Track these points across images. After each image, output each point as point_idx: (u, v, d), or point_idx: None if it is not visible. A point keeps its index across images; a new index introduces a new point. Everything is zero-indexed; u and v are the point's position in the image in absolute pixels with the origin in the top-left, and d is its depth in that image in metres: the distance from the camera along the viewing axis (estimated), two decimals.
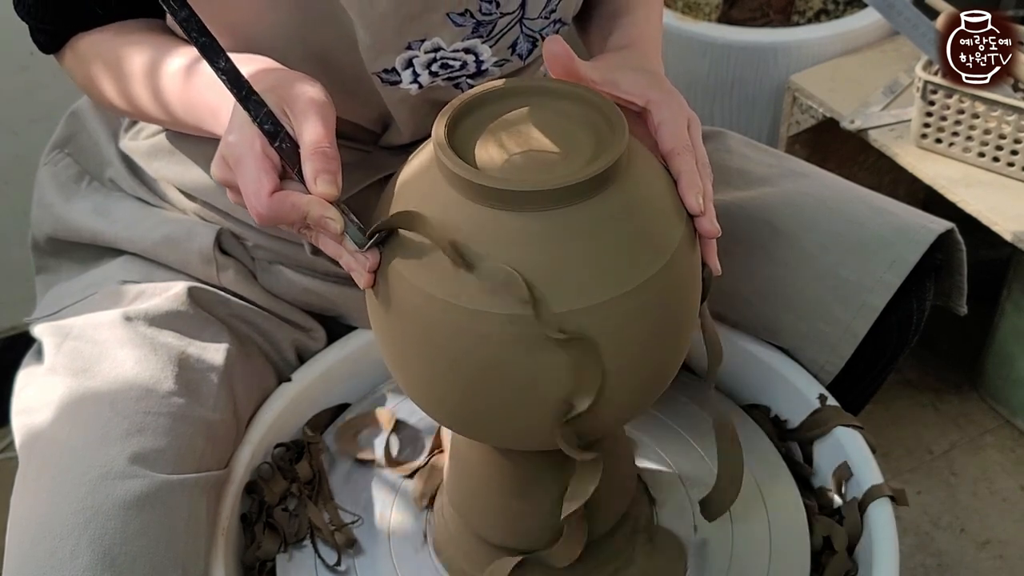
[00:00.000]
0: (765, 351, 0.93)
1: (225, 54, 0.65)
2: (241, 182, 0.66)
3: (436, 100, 0.83)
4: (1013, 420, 1.56)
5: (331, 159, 0.65)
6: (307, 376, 0.93)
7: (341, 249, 0.66)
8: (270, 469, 0.86)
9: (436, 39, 0.78)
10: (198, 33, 0.65)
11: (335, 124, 0.67)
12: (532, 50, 0.84)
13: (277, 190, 0.65)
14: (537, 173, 0.62)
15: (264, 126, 0.66)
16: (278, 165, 0.66)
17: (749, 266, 0.91)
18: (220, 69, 0.65)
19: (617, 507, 0.78)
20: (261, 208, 0.65)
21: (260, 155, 0.66)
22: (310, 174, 0.65)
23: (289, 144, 0.66)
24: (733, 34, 1.60)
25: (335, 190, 0.65)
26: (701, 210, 0.67)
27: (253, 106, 0.66)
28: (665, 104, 0.71)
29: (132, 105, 0.83)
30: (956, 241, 0.92)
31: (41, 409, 0.78)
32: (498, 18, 0.79)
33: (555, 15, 0.82)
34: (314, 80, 0.70)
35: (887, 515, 0.79)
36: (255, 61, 0.74)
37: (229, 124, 0.68)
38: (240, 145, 0.66)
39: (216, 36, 0.75)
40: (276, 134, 0.66)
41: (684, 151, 0.69)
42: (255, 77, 0.69)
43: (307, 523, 0.83)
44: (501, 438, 0.70)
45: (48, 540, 0.70)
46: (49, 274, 0.99)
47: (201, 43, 0.65)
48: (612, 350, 0.62)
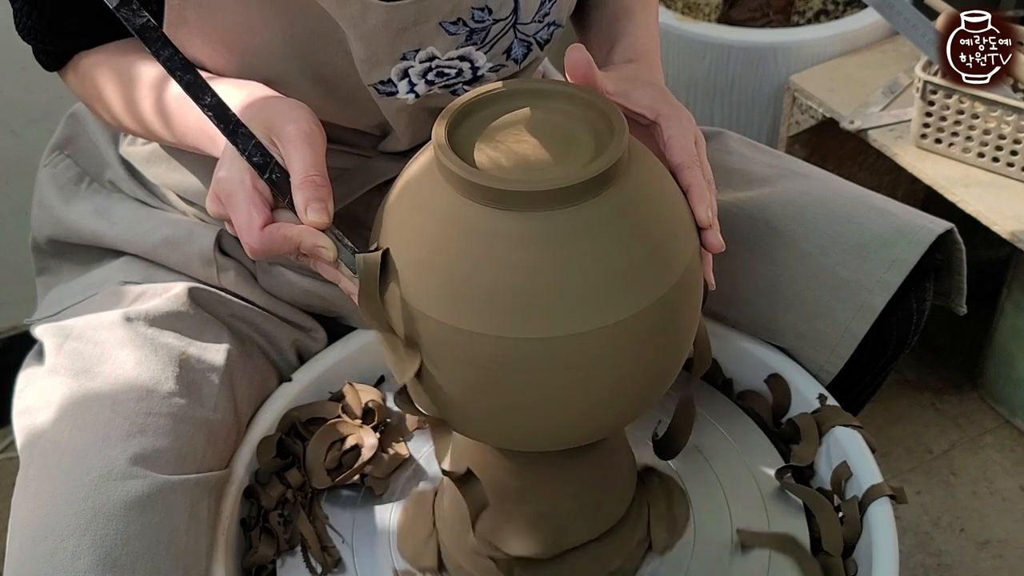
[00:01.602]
0: (765, 351, 0.93)
1: (211, 90, 0.67)
2: (233, 217, 0.68)
3: (434, 108, 0.84)
4: (1013, 420, 1.56)
5: (320, 187, 0.66)
6: (307, 376, 0.93)
7: (338, 274, 0.67)
8: (266, 473, 0.86)
9: (430, 48, 0.78)
10: (182, 71, 0.67)
11: (324, 151, 0.69)
12: (527, 54, 0.84)
13: (269, 223, 0.67)
14: (537, 173, 0.62)
15: (253, 159, 0.67)
16: (269, 198, 0.68)
17: (749, 266, 0.91)
18: (206, 105, 0.67)
19: (617, 508, 0.79)
20: (253, 242, 0.67)
21: (250, 190, 0.67)
22: (300, 204, 0.66)
23: (279, 174, 0.68)
24: (733, 34, 1.60)
25: (326, 218, 0.66)
26: (710, 223, 0.68)
27: (241, 139, 0.67)
28: (675, 119, 0.73)
29: (132, 124, 0.84)
30: (956, 241, 0.92)
31: (42, 410, 0.78)
32: (491, 24, 0.79)
33: (549, 18, 0.82)
34: (303, 106, 0.71)
35: (887, 514, 0.79)
36: (246, 87, 0.74)
37: (220, 159, 0.70)
38: (230, 181, 0.68)
39: (213, 52, 0.76)
40: (265, 166, 0.67)
41: (693, 165, 0.70)
42: (243, 106, 0.71)
43: (299, 533, 0.82)
44: (501, 440, 0.70)
45: (49, 541, 0.70)
46: (50, 275, 0.99)
47: (186, 81, 0.67)
48: (613, 363, 0.63)
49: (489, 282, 0.61)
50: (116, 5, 0.66)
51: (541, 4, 0.80)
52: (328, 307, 0.95)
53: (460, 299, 0.61)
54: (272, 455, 0.86)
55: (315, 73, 0.79)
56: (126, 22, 0.66)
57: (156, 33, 0.66)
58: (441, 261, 0.62)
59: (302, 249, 0.66)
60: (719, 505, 0.84)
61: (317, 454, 0.86)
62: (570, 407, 0.64)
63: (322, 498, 0.86)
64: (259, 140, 0.68)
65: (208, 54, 0.79)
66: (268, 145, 0.68)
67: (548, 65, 1.10)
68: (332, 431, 0.88)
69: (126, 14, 0.66)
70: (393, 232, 0.65)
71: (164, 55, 0.66)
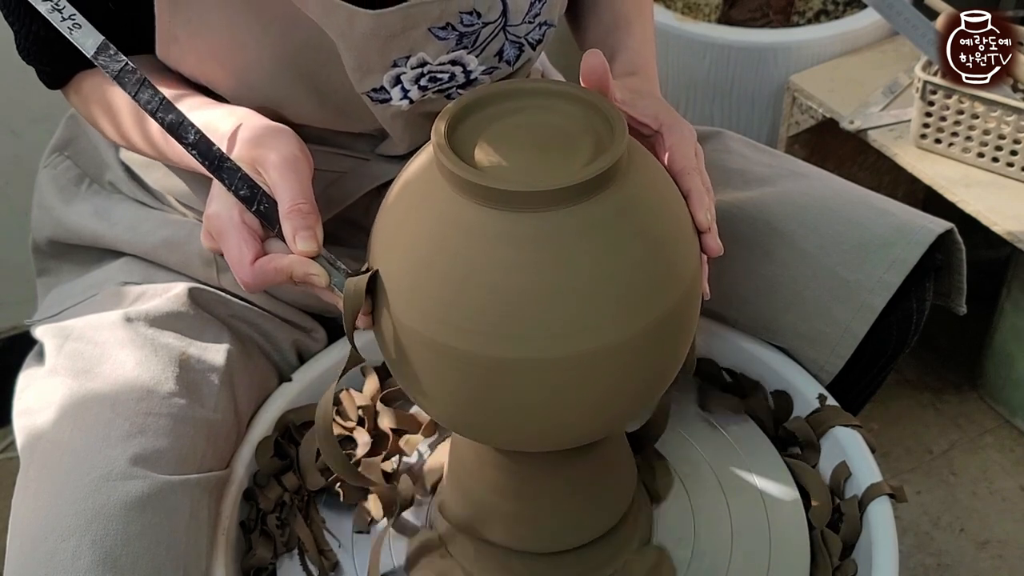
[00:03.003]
0: (765, 351, 0.93)
1: (193, 128, 0.68)
2: (225, 252, 0.69)
3: (429, 112, 0.84)
4: (1013, 420, 1.56)
5: (307, 215, 0.67)
6: (307, 376, 0.93)
7: (335, 297, 0.68)
8: (265, 476, 0.86)
9: (421, 54, 0.78)
10: (163, 112, 0.68)
11: (311, 175, 0.70)
12: (520, 55, 0.84)
13: (260, 255, 0.68)
14: (537, 173, 0.62)
15: (240, 192, 0.68)
16: (259, 230, 0.69)
17: (749, 266, 0.91)
18: (189, 144, 0.68)
19: (617, 508, 0.79)
20: (246, 277, 0.68)
21: (239, 225, 0.69)
22: (289, 234, 0.67)
23: (267, 204, 0.69)
24: (733, 34, 1.60)
25: (315, 246, 0.67)
26: (709, 227, 0.70)
27: (227, 174, 0.69)
28: (677, 129, 0.75)
29: (132, 146, 0.84)
30: (956, 241, 0.92)
31: (42, 410, 0.78)
32: (480, 28, 0.79)
33: (540, 18, 0.82)
34: (287, 132, 0.72)
35: (886, 513, 0.79)
36: (233, 115, 0.75)
37: (210, 194, 0.71)
38: (219, 217, 0.69)
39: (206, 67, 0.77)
40: (253, 198, 0.69)
41: (693, 171, 0.72)
42: (228, 135, 0.72)
43: (296, 536, 0.82)
44: (501, 441, 0.71)
45: (49, 541, 0.70)
46: (50, 277, 0.99)
47: (168, 121, 0.69)
48: (613, 374, 0.63)
49: (488, 284, 0.61)
50: (94, 53, 0.68)
51: (531, 5, 0.80)
52: (328, 307, 0.95)
53: (456, 307, 0.61)
54: (269, 456, 0.86)
55: (309, 84, 0.80)
56: (104, 69, 0.68)
57: (135, 76, 0.68)
58: (439, 261, 0.62)
59: (294, 279, 0.68)
60: (719, 505, 0.84)
61: (309, 454, 0.86)
62: (565, 413, 0.65)
63: (320, 502, 0.85)
64: (245, 172, 0.69)
65: (202, 70, 0.80)
66: (254, 175, 0.70)
67: (548, 65, 1.10)
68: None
69: (104, 61, 0.68)
70: (391, 234, 0.65)
71: (144, 98, 0.68)
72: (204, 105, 0.78)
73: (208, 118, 0.74)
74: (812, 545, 0.80)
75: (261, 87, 0.79)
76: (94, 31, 0.69)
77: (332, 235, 0.92)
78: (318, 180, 0.88)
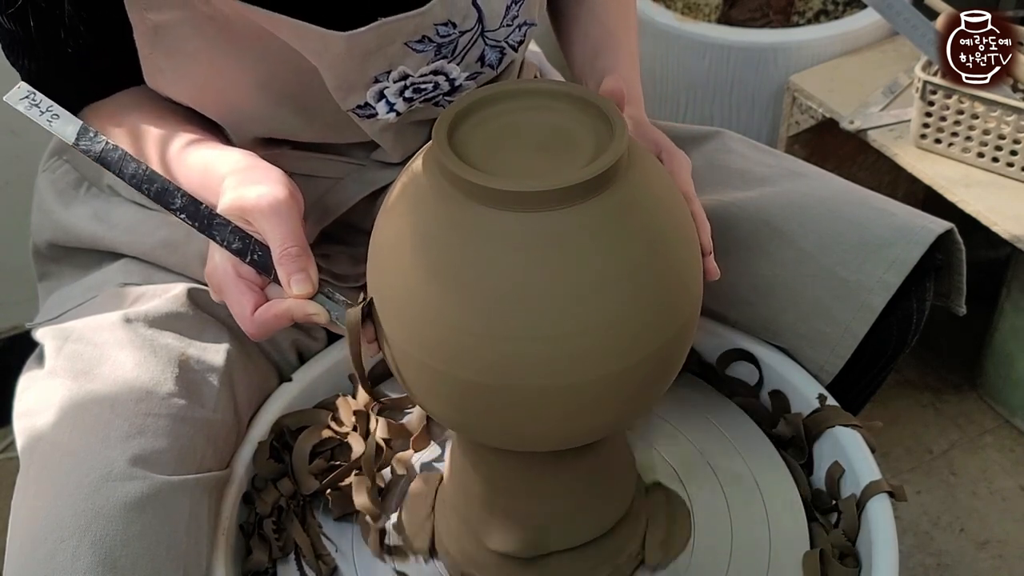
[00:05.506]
0: (765, 351, 0.93)
1: (179, 192, 0.70)
2: (228, 306, 0.72)
3: (419, 122, 0.84)
4: (1012, 420, 1.56)
5: (297, 258, 0.69)
6: (307, 376, 0.93)
7: (341, 329, 0.69)
8: (263, 479, 0.85)
9: (401, 68, 0.79)
10: (148, 183, 0.70)
11: (299, 215, 0.71)
12: (502, 58, 0.84)
13: (261, 304, 0.70)
14: (537, 173, 0.62)
15: (232, 246, 0.70)
16: (256, 280, 0.71)
17: (749, 266, 0.91)
18: (177, 209, 0.70)
19: (617, 508, 0.79)
20: (249, 328, 0.70)
21: (235, 278, 0.71)
22: (283, 279, 0.69)
23: (260, 253, 0.70)
24: (733, 35, 1.60)
25: (310, 288, 0.69)
26: (710, 249, 0.72)
27: (217, 230, 0.70)
28: (676, 155, 0.78)
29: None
30: (956, 241, 0.92)
31: (42, 412, 0.78)
32: (458, 37, 0.79)
33: (518, 20, 0.83)
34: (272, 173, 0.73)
35: (886, 511, 0.79)
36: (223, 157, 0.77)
37: (209, 250, 0.73)
38: (216, 274, 0.72)
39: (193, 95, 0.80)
40: (245, 250, 0.70)
41: (694, 197, 0.75)
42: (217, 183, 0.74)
43: (292, 540, 0.82)
44: (492, 442, 0.71)
45: (49, 542, 0.70)
46: (51, 280, 0.99)
47: (154, 191, 0.70)
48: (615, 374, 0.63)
49: (489, 283, 0.61)
50: (74, 140, 0.68)
51: (507, 8, 0.80)
52: None
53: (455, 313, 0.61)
54: (266, 458, 0.86)
55: (293, 104, 0.81)
56: (86, 153, 0.69)
57: (116, 154, 0.70)
58: (438, 261, 0.62)
59: (296, 320, 0.69)
60: (719, 505, 0.84)
61: (302, 457, 0.86)
62: (564, 416, 0.65)
63: (317, 507, 0.85)
64: (235, 225, 0.70)
65: (190, 96, 0.81)
66: (243, 225, 0.71)
67: (547, 65, 1.10)
68: (315, 434, 0.88)
69: (85, 145, 0.69)
70: (386, 257, 0.65)
71: (127, 173, 0.69)
72: (201, 144, 0.79)
73: (206, 160, 0.76)
74: (812, 544, 0.80)
75: (247, 110, 0.80)
76: (73, 118, 0.70)
77: (332, 236, 0.93)
78: (315, 187, 0.89)
